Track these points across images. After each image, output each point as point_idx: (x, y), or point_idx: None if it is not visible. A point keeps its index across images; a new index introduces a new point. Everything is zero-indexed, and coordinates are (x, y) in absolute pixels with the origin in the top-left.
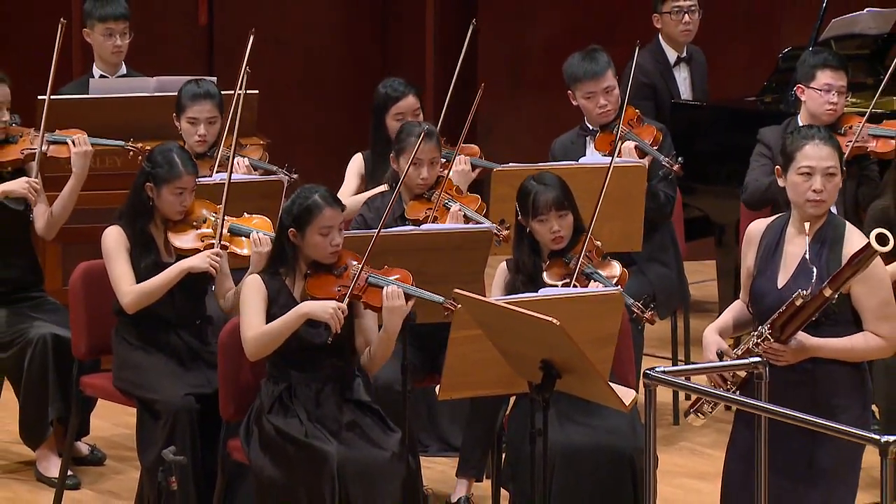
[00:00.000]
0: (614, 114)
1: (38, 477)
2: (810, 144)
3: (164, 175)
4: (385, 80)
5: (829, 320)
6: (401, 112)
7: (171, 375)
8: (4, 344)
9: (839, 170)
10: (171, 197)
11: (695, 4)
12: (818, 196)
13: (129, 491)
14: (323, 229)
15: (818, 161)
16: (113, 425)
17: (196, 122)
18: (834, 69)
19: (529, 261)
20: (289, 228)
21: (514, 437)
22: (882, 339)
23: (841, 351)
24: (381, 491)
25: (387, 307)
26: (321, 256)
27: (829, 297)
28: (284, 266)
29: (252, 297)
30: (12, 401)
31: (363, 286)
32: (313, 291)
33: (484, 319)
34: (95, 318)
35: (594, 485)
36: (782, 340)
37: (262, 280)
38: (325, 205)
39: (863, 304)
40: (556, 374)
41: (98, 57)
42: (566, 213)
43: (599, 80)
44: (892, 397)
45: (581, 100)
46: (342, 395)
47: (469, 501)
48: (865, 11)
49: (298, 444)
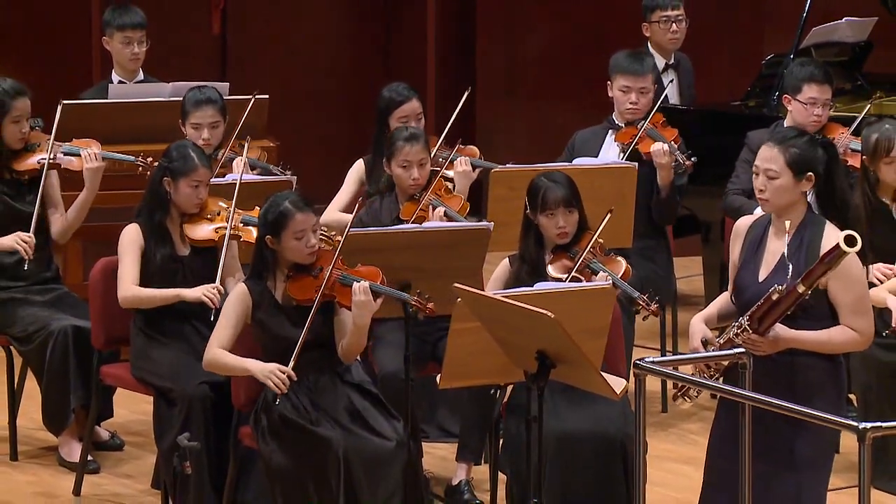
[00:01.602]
0: (642, 114)
1: (60, 462)
2: (764, 145)
3: (181, 168)
4: (389, 85)
5: (807, 314)
6: (404, 116)
7: (186, 366)
8: (27, 336)
9: (785, 172)
10: (187, 189)
11: (682, 14)
12: (759, 194)
13: (146, 475)
14: (297, 233)
15: (761, 161)
16: (131, 412)
17: (199, 126)
18: (819, 83)
19: (534, 253)
20: (265, 236)
21: (510, 424)
22: (857, 333)
23: (817, 343)
24: (384, 476)
25: (354, 302)
26: (299, 258)
27: (802, 293)
28: (266, 271)
29: (229, 312)
30: (35, 390)
31: (334, 285)
32: (293, 293)
33: (482, 312)
34: (114, 310)
35: (587, 469)
36: (760, 332)
37: (247, 291)
38: (296, 210)
39: (839, 300)
40: (550, 364)
41: (117, 64)
42: (573, 210)
43: (638, 79)
44: (867, 387)
45: (616, 91)
46: (341, 380)
47: (469, 484)
48: (844, 21)
49: (304, 431)
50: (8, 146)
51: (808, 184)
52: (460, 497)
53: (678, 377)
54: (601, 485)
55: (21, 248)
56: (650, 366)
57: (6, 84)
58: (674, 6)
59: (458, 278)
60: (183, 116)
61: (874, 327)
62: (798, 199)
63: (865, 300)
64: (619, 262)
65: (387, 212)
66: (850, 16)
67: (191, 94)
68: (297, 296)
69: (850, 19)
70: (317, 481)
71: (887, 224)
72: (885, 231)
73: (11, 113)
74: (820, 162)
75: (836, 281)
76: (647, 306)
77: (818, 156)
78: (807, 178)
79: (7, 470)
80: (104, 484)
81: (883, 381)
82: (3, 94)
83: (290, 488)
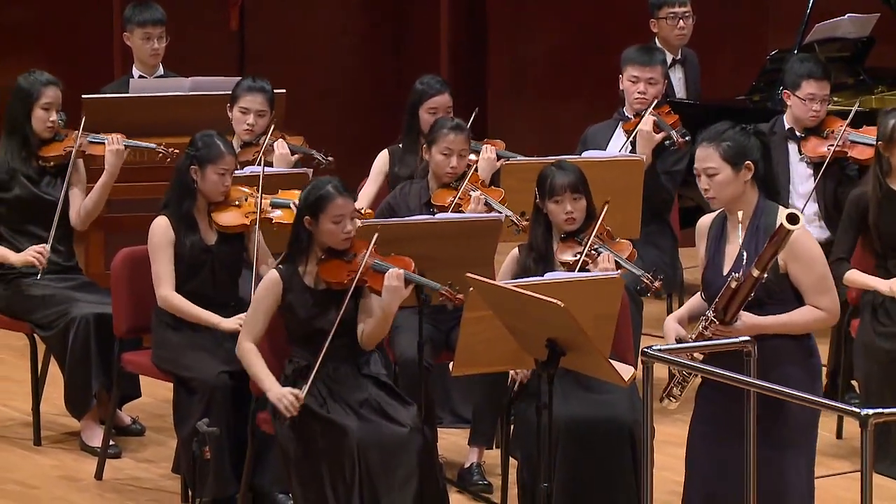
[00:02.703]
0: (650, 104)
1: (82, 446)
2: (699, 146)
3: (207, 156)
4: (422, 77)
5: (774, 300)
6: (434, 107)
7: (206, 354)
8: (49, 323)
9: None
10: (214, 177)
11: (689, 11)
12: (705, 194)
13: (166, 459)
14: (335, 217)
15: (699, 162)
16: (152, 398)
17: (247, 111)
18: (818, 80)
19: (542, 240)
20: (304, 216)
21: (521, 410)
22: (823, 311)
23: (783, 326)
24: (400, 462)
25: (386, 287)
26: (334, 243)
27: (758, 276)
28: (300, 252)
29: (261, 300)
30: (58, 376)
31: (369, 271)
32: (325, 276)
33: (494, 301)
34: (135, 299)
35: (596, 454)
36: (727, 321)
37: (279, 276)
38: (337, 194)
39: (800, 281)
40: (560, 352)
41: (137, 59)
42: (580, 197)
43: (646, 69)
44: (869, 374)
45: (626, 81)
46: (359, 371)
47: (480, 468)
48: (846, 17)
49: (320, 419)
50: (37, 134)
51: (748, 173)
52: (472, 480)
53: (685, 364)
54: (610, 469)
55: (35, 260)
56: (658, 353)
57: (39, 74)
58: (681, 3)
59: (471, 268)
60: (232, 100)
61: (839, 304)
62: (744, 189)
63: (827, 278)
64: (625, 245)
65: (415, 196)
66: (852, 12)
67: (245, 81)
68: (329, 279)
69: (853, 16)
70: (332, 467)
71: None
72: (894, 218)
73: (41, 100)
74: (755, 149)
75: (795, 263)
76: (651, 283)
77: (751, 144)
78: (745, 167)
79: (31, 454)
80: (125, 468)
81: (884, 368)
82: (35, 82)
83: (306, 474)
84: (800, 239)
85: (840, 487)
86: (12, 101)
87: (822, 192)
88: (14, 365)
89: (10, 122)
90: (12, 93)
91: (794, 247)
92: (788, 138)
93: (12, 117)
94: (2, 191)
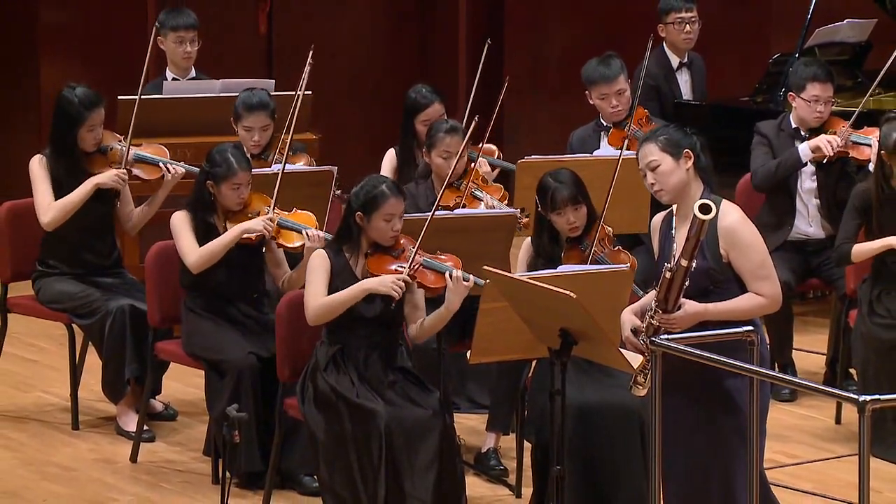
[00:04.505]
0: (625, 113)
1: (118, 431)
2: (639, 149)
3: (222, 174)
4: (414, 86)
5: (719, 288)
6: (428, 118)
7: (235, 338)
8: (88, 313)
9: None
10: (229, 192)
11: (695, 16)
12: (653, 189)
13: (196, 442)
14: (387, 216)
15: (641, 161)
16: (183, 386)
17: (251, 129)
18: (822, 82)
19: (549, 246)
20: (356, 212)
21: (535, 396)
22: (763, 298)
23: (725, 312)
24: (423, 445)
25: (451, 289)
26: (382, 239)
27: (687, 266)
28: (348, 244)
29: (317, 270)
30: (96, 365)
31: (417, 268)
32: (373, 269)
33: (510, 293)
34: (167, 291)
35: (607, 438)
36: (669, 310)
37: (326, 255)
38: (391, 195)
39: (740, 269)
40: (572, 341)
41: (170, 62)
42: (581, 205)
43: (612, 84)
44: (866, 362)
45: (596, 100)
46: (388, 361)
47: (496, 452)
48: (845, 22)
49: (349, 403)
50: (83, 150)
51: (687, 160)
52: (489, 464)
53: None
54: (620, 453)
55: (118, 184)
56: (664, 342)
57: (81, 94)
58: (687, 8)
59: (488, 261)
60: (235, 119)
61: (780, 289)
62: (687, 179)
63: (766, 265)
64: (623, 256)
65: (423, 198)
66: (851, 17)
67: (244, 97)
68: (377, 272)
69: (852, 21)
70: (359, 450)
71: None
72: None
73: (87, 123)
74: (692, 140)
75: (734, 251)
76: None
77: (686, 136)
78: (685, 155)
79: (70, 439)
80: (159, 451)
81: (881, 356)
82: (79, 105)
83: (334, 457)
84: (739, 228)
85: (839, 470)
86: (58, 121)
87: (824, 189)
88: (54, 353)
89: (56, 140)
90: (56, 110)
91: (734, 235)
92: (794, 137)
93: (59, 137)
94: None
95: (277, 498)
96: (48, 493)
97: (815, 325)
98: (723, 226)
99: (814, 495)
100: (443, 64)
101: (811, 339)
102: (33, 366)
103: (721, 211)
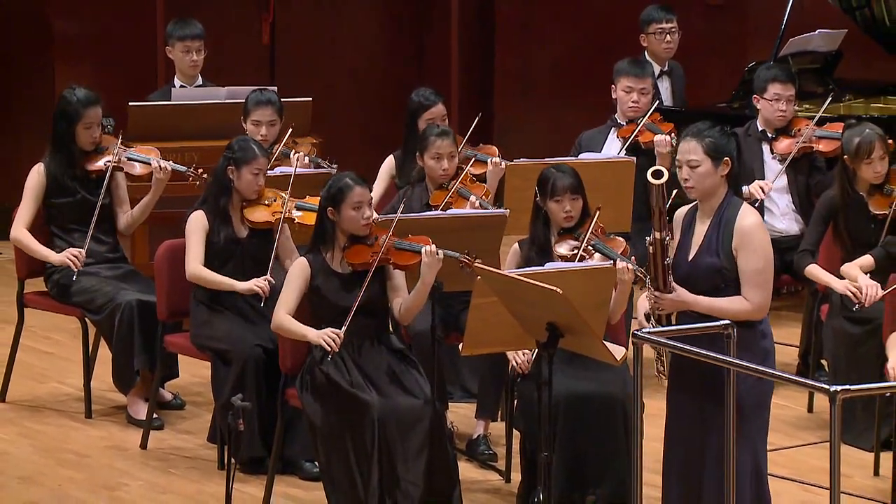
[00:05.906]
0: (642, 112)
1: (128, 419)
2: (683, 140)
3: (243, 157)
4: (417, 90)
5: (729, 287)
6: (432, 118)
7: (241, 330)
8: (98, 307)
9: (706, 161)
10: (249, 176)
11: (675, 26)
12: (685, 184)
13: (203, 431)
14: (355, 205)
15: (682, 154)
16: (191, 376)
17: (259, 124)
18: (783, 82)
19: (542, 235)
20: (327, 208)
21: (524, 386)
22: (748, 304)
23: (711, 308)
24: (414, 432)
25: (425, 262)
26: (355, 229)
27: (660, 237)
28: (324, 243)
29: (293, 281)
30: (107, 355)
31: (392, 250)
32: (351, 258)
33: (499, 288)
34: (175, 286)
35: (592, 426)
36: (661, 287)
37: (307, 261)
38: (355, 184)
39: (741, 269)
40: (559, 334)
41: (178, 70)
42: (578, 197)
43: (640, 80)
44: (837, 354)
45: (620, 91)
46: (381, 346)
47: (486, 439)
48: (817, 32)
49: (344, 393)
50: (81, 148)
51: (725, 168)
52: (479, 450)
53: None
54: (604, 440)
55: (71, 262)
56: (647, 335)
57: (80, 94)
58: (668, 19)
59: (479, 258)
60: (244, 114)
61: (768, 303)
62: (719, 183)
63: (765, 275)
64: (618, 241)
65: (417, 199)
66: (823, 28)
67: (253, 95)
68: (354, 261)
69: (823, 31)
70: (354, 438)
71: (862, 214)
72: (860, 220)
73: (84, 120)
74: (733, 148)
75: (742, 250)
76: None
77: (730, 142)
78: (724, 163)
79: (82, 426)
80: (167, 439)
81: (850, 349)
82: (77, 104)
83: (331, 444)
84: (753, 231)
85: (811, 456)
86: (57, 119)
87: (794, 185)
88: (68, 346)
89: (56, 138)
90: (57, 108)
91: (746, 237)
92: (761, 139)
93: (58, 135)
94: (51, 198)
95: (280, 483)
96: (63, 478)
97: (788, 318)
98: (739, 226)
99: (788, 480)
100: (439, 71)
101: (785, 332)
102: (49, 358)
103: (741, 213)
